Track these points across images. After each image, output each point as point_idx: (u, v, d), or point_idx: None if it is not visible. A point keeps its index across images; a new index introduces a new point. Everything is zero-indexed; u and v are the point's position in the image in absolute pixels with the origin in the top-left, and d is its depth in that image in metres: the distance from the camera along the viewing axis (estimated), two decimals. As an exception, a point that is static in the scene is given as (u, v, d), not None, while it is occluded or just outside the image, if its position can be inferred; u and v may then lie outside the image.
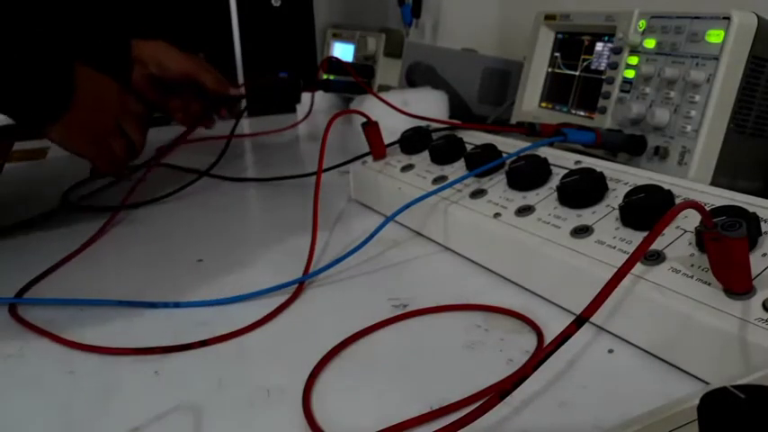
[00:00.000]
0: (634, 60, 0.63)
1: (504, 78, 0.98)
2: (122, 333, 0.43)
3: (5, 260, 0.56)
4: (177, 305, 0.46)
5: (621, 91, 0.65)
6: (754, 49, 0.55)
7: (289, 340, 0.42)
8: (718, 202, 0.39)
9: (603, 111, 0.66)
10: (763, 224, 0.36)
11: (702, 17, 0.57)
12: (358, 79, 0.89)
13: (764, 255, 0.35)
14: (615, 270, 0.31)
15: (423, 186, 0.57)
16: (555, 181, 0.49)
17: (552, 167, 0.51)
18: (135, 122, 0.67)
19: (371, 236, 0.53)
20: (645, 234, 0.34)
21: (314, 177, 0.76)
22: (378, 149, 0.66)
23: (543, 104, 0.79)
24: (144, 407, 0.34)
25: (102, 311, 0.46)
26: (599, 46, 0.71)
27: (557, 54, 0.77)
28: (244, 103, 0.92)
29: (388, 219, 0.55)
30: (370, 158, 0.68)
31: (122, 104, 0.65)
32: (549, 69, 0.78)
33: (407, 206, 0.55)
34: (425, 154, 0.62)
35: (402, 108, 0.68)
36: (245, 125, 1.19)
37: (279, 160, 0.91)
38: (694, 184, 0.42)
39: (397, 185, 0.60)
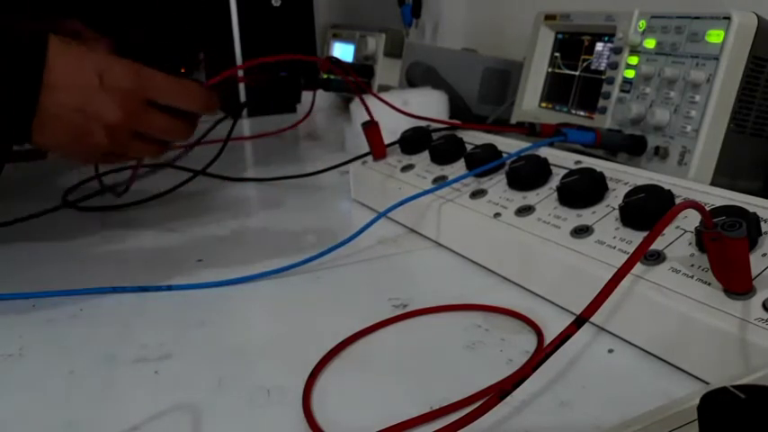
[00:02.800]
0: (634, 60, 0.63)
1: (504, 78, 0.98)
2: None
3: (7, 259, 0.56)
4: (170, 288, 0.48)
5: (621, 91, 0.65)
6: (754, 49, 0.55)
7: (289, 340, 0.42)
8: (718, 202, 0.39)
9: (603, 111, 0.66)
10: (763, 224, 0.36)
11: (702, 17, 0.57)
12: (357, 79, 0.88)
13: (764, 255, 0.35)
14: (615, 270, 0.31)
15: (423, 186, 0.57)
16: (555, 181, 0.49)
17: (552, 167, 0.51)
18: (177, 96, 0.49)
19: (361, 230, 0.53)
20: (645, 234, 0.34)
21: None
22: (378, 149, 0.66)
23: (543, 104, 0.78)
24: (144, 406, 0.34)
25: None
26: (599, 46, 0.71)
27: (557, 54, 0.77)
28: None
29: (381, 214, 0.55)
30: (370, 158, 0.68)
31: (147, 85, 0.48)
32: (549, 69, 0.78)
33: (402, 203, 0.55)
34: (425, 154, 0.62)
35: (402, 108, 0.68)
36: (246, 125, 1.19)
37: (279, 160, 0.91)
38: (694, 184, 0.42)
39: (397, 185, 0.60)
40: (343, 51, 1.22)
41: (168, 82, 0.49)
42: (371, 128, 0.65)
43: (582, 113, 0.72)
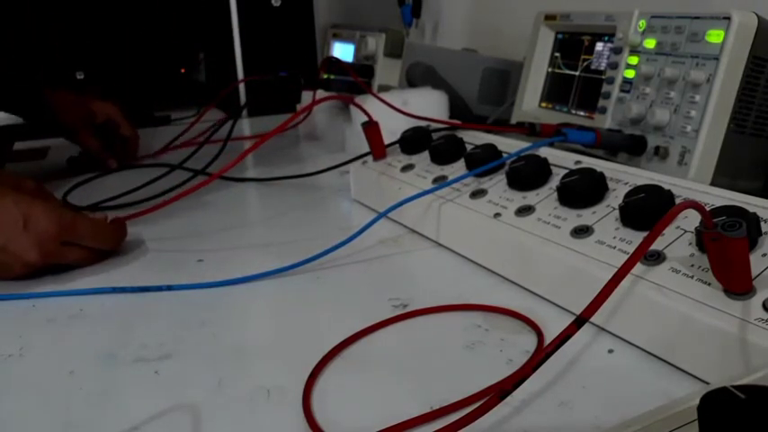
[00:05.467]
0: (634, 60, 0.63)
1: (504, 78, 0.98)
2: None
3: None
4: (170, 288, 0.48)
5: (621, 91, 0.65)
6: (754, 49, 0.55)
7: (289, 340, 0.42)
8: (719, 202, 0.39)
9: (603, 111, 0.66)
10: (763, 224, 0.36)
11: (702, 17, 0.57)
12: (358, 80, 0.89)
13: (764, 255, 0.35)
14: (615, 270, 0.31)
15: (423, 186, 0.57)
16: (555, 181, 0.49)
17: (552, 167, 0.51)
18: (94, 239, 0.54)
19: (361, 230, 0.53)
20: (645, 234, 0.34)
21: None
22: (378, 149, 0.66)
23: (543, 104, 0.78)
24: (144, 406, 0.34)
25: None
26: (599, 46, 0.71)
27: (557, 54, 0.77)
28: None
29: (381, 215, 0.55)
30: (370, 158, 0.68)
31: (68, 229, 0.52)
32: (549, 69, 0.78)
33: (402, 203, 0.55)
34: (425, 154, 0.62)
35: (402, 108, 0.68)
36: (246, 125, 1.19)
37: (279, 160, 0.91)
38: (694, 184, 0.42)
39: (397, 185, 0.60)
40: (343, 51, 1.22)
41: (84, 225, 0.54)
42: (371, 128, 0.65)
43: (582, 113, 0.72)
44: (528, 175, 0.51)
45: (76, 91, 0.92)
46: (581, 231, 0.43)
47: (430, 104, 0.79)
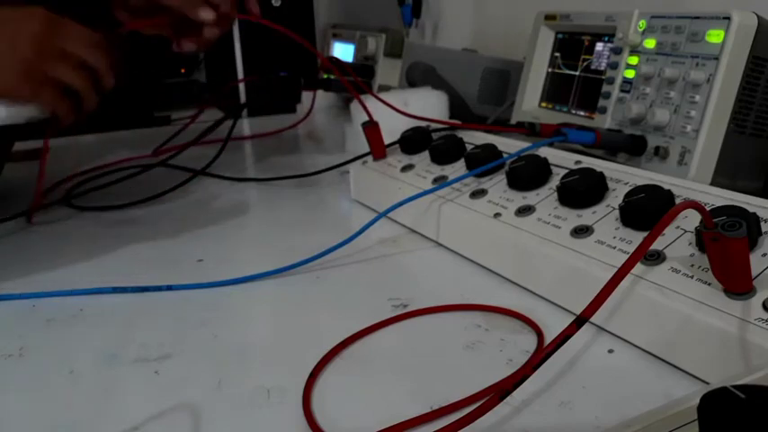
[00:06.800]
0: (634, 60, 0.63)
1: (504, 78, 0.98)
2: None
3: (7, 259, 0.56)
4: (170, 288, 0.48)
5: (621, 91, 0.65)
6: (754, 49, 0.55)
7: (289, 340, 0.42)
8: (719, 202, 0.39)
9: (603, 111, 0.66)
10: (763, 224, 0.36)
11: (702, 17, 0.57)
12: (356, 79, 0.89)
13: (764, 255, 0.35)
14: (615, 270, 0.31)
15: (423, 186, 0.57)
16: (555, 181, 0.49)
17: (552, 167, 0.51)
18: (87, 48, 0.57)
19: (361, 230, 0.53)
20: (645, 234, 0.34)
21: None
22: (378, 149, 0.66)
23: (543, 104, 0.78)
24: (144, 406, 0.34)
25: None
26: (599, 46, 0.71)
27: (557, 54, 0.77)
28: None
29: (381, 215, 0.55)
30: (370, 158, 0.68)
31: (58, 31, 0.55)
32: (549, 69, 0.78)
33: (402, 203, 0.55)
34: (425, 154, 0.62)
35: (402, 108, 0.68)
36: (246, 125, 1.19)
37: (279, 160, 0.91)
38: (694, 184, 0.42)
39: (397, 185, 0.60)
40: (343, 51, 1.22)
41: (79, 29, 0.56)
42: (371, 128, 0.65)
43: (582, 113, 0.72)
44: (528, 175, 0.51)
45: None
46: (581, 231, 0.43)
47: (430, 104, 0.79)
